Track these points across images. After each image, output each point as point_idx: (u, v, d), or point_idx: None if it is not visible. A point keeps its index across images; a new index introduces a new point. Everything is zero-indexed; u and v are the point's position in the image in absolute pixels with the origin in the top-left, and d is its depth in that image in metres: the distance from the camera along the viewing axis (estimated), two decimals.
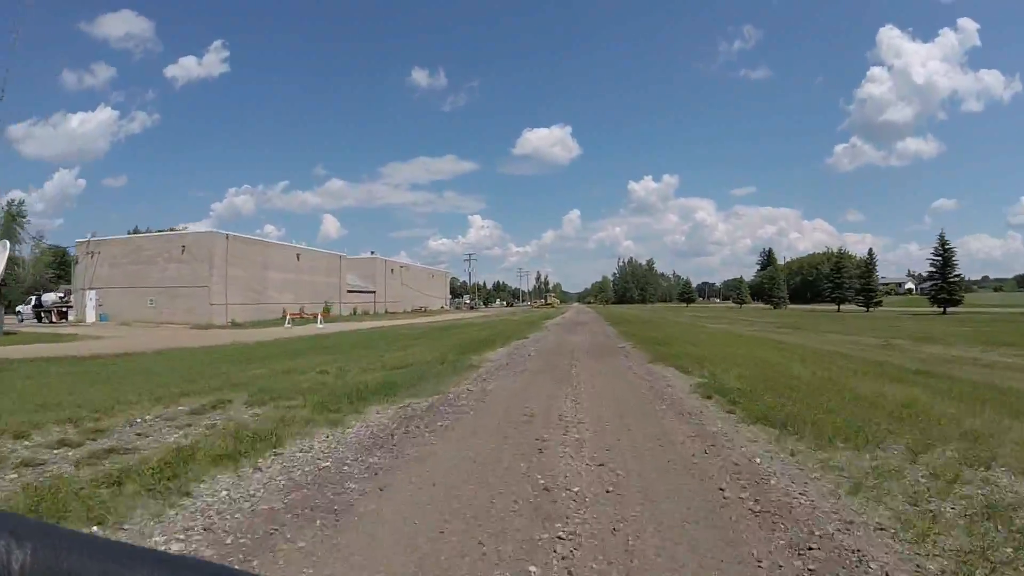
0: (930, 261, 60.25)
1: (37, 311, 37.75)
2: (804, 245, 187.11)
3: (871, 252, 71.03)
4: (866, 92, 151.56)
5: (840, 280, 72.10)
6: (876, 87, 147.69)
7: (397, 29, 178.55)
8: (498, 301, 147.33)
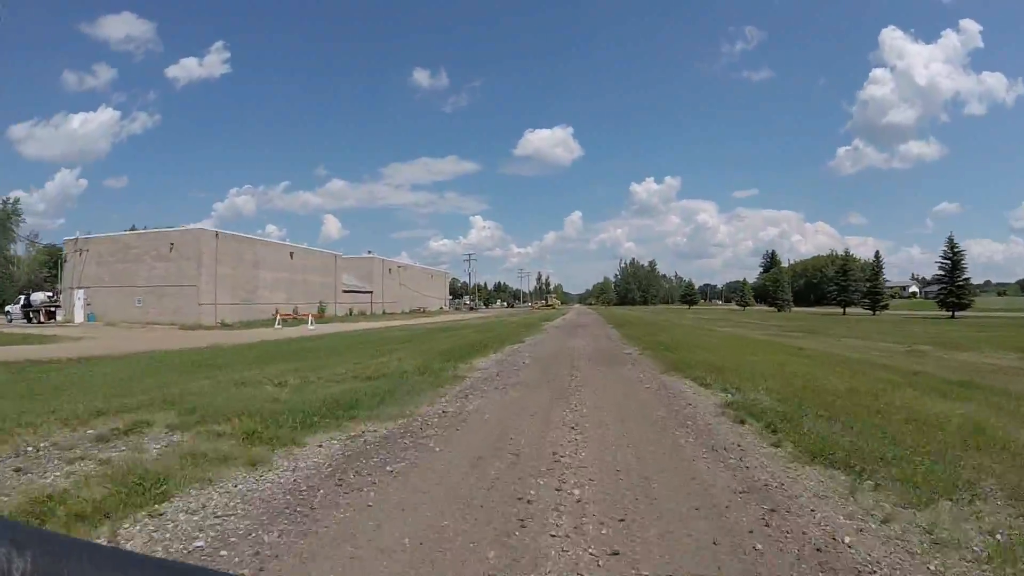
0: (939, 264, 59.20)
1: (26, 311, 36.87)
2: (806, 248, 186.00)
3: (877, 255, 69.78)
4: (868, 94, 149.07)
5: (846, 283, 70.93)
6: (878, 89, 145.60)
7: (398, 29, 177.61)
8: (499, 302, 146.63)
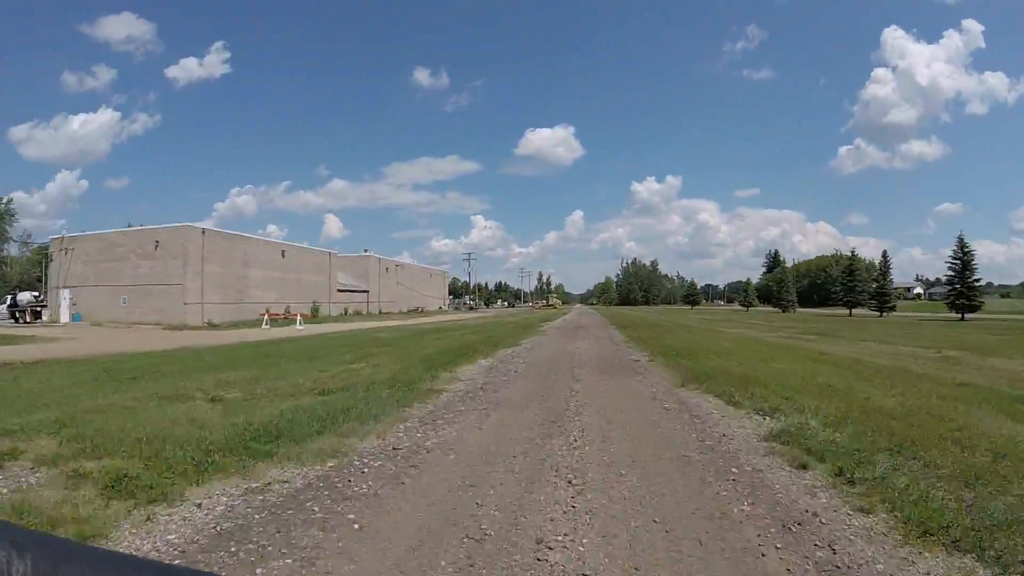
0: (948, 264, 58.13)
1: (12, 311, 35.95)
2: (807, 248, 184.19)
3: (885, 255, 68.38)
4: (870, 93, 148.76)
5: (852, 283, 69.62)
6: (880, 88, 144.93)
7: (399, 29, 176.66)
8: (499, 302, 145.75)
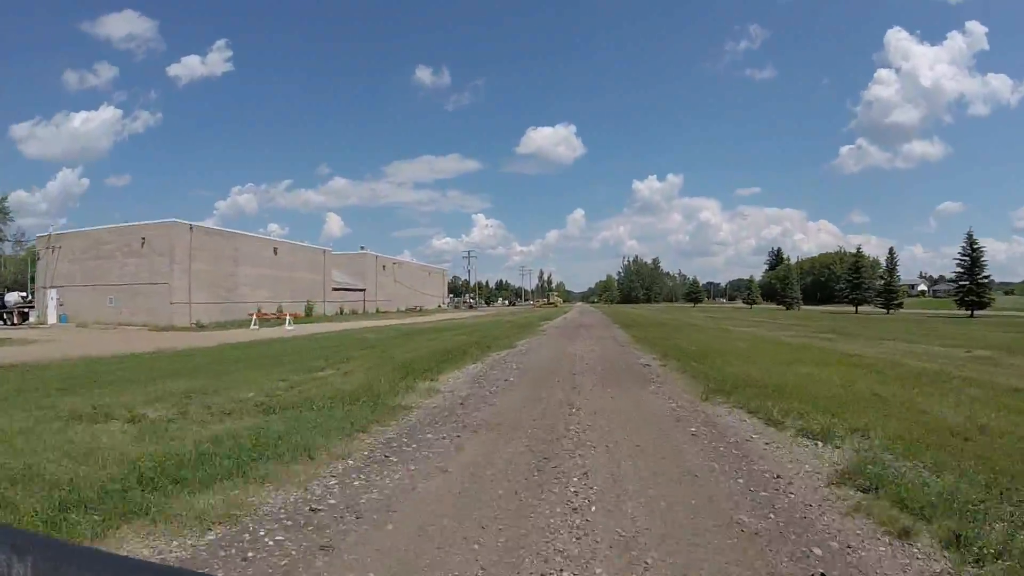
0: (957, 261, 57.22)
1: (0, 312, 34.95)
2: (808, 246, 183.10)
3: (892, 251, 67.48)
4: (873, 94, 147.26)
5: (859, 280, 68.46)
6: (883, 89, 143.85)
7: (401, 28, 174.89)
8: (500, 300, 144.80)
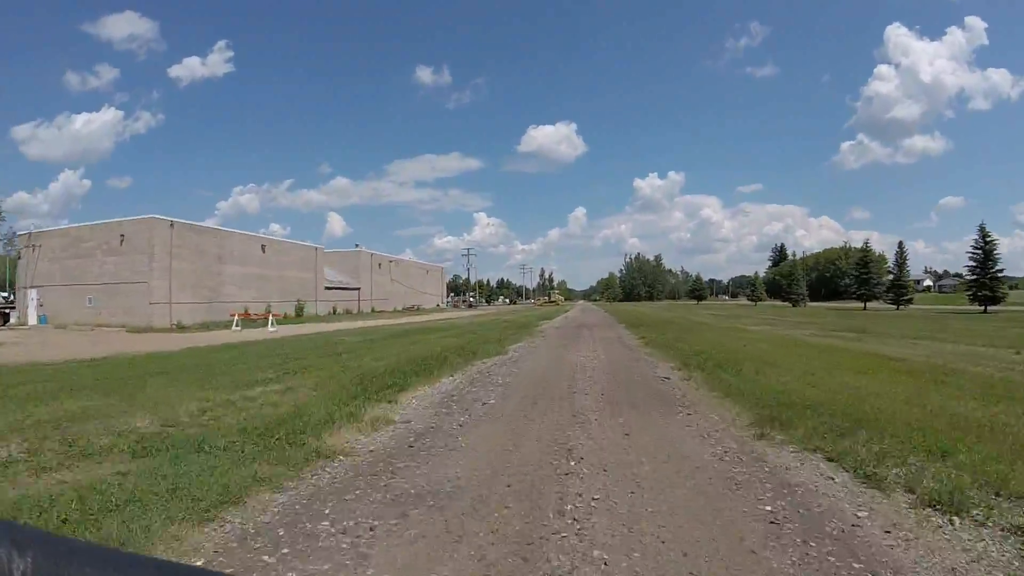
0: (969, 255, 55.50)
1: None
2: (810, 243, 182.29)
3: (901, 246, 65.77)
4: (873, 90, 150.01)
5: (867, 276, 66.74)
6: (883, 85, 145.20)
7: (401, 27, 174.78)
8: (501, 299, 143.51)
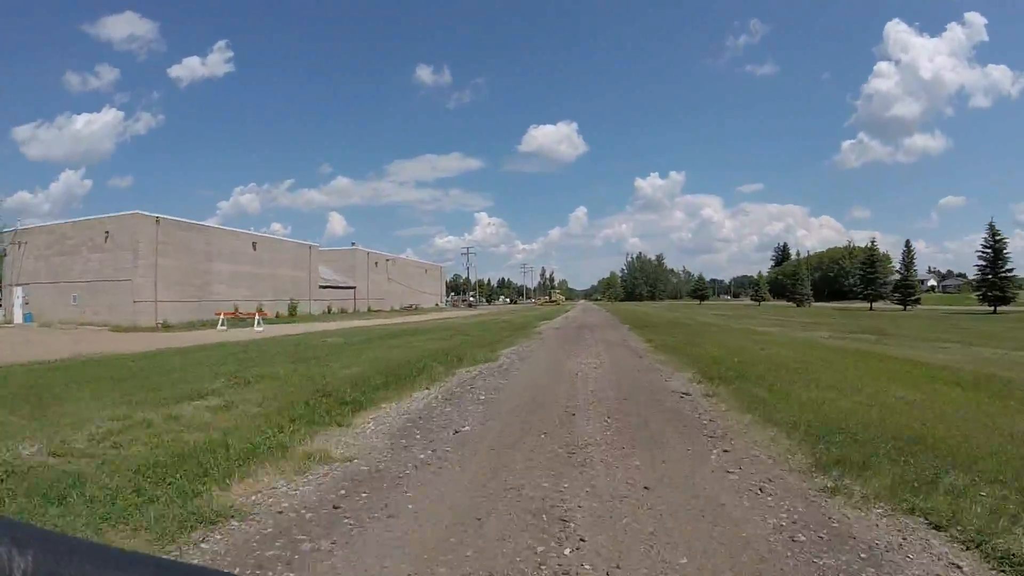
0: (979, 254, 54.32)
1: None
2: (811, 242, 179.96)
3: (908, 244, 64.43)
4: (873, 87, 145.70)
5: (874, 276, 65.57)
6: (883, 82, 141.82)
7: (401, 27, 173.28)
8: (502, 298, 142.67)
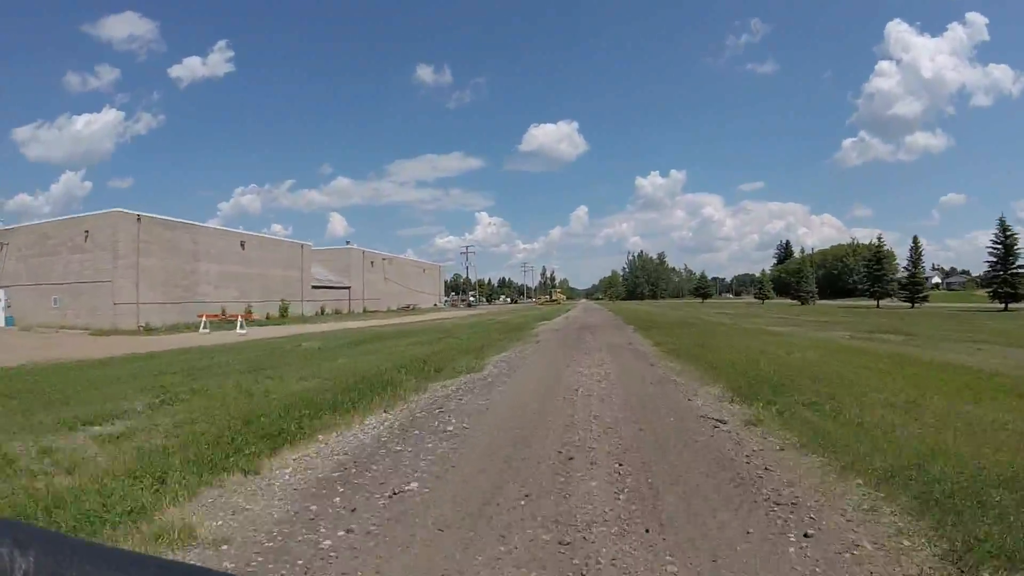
0: (989, 250, 53.06)
1: None
2: (812, 240, 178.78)
3: (916, 241, 63.16)
4: (874, 86, 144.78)
5: (881, 273, 64.23)
6: (884, 81, 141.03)
7: (401, 27, 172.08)
8: (503, 298, 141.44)
